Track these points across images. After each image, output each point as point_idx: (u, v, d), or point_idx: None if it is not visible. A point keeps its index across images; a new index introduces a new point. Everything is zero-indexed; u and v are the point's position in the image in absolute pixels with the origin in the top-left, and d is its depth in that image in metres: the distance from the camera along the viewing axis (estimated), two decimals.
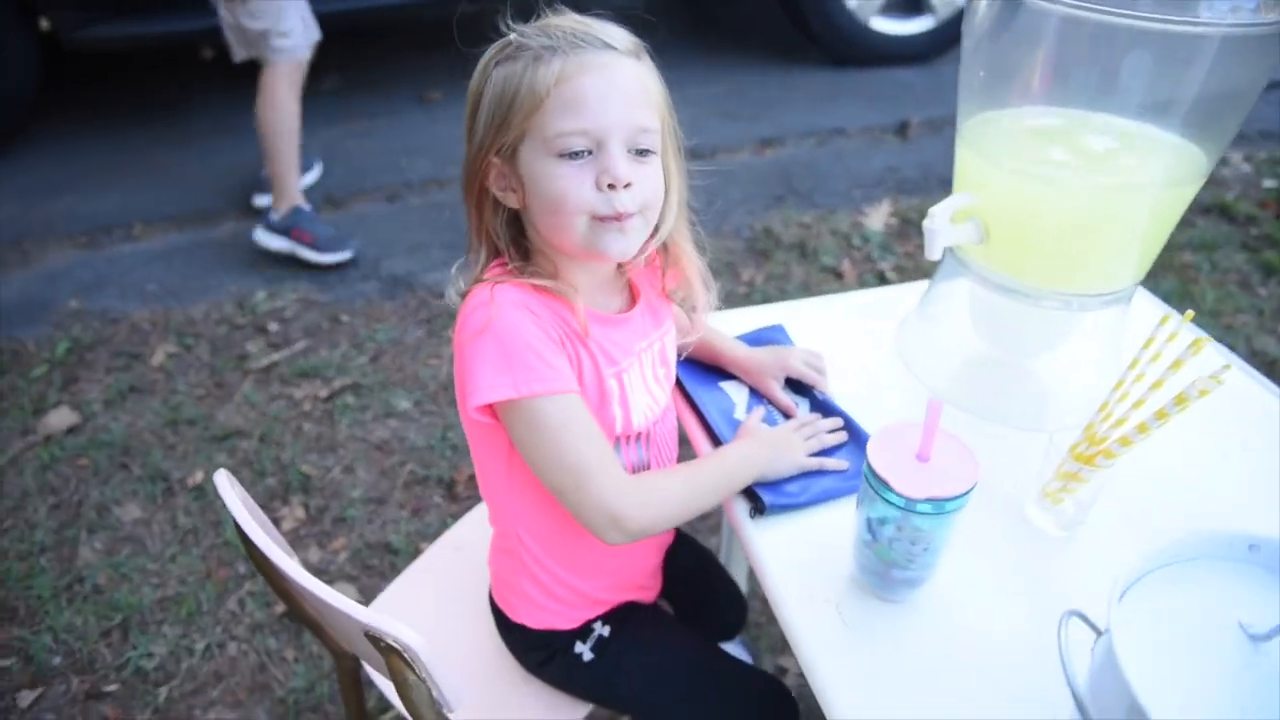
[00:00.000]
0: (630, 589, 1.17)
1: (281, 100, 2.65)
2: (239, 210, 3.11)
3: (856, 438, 1.10)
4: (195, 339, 2.50)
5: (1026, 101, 1.08)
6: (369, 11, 3.42)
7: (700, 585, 1.34)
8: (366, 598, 1.73)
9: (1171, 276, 2.67)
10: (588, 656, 1.12)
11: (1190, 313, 0.98)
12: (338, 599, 0.87)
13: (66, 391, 2.32)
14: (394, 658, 0.86)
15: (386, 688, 1.16)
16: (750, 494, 1.02)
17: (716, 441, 1.10)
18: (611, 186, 0.86)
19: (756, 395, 1.19)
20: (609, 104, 0.85)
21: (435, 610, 1.29)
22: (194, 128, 3.68)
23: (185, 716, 1.61)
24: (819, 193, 3.14)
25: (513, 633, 1.15)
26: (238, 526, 0.97)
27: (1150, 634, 0.65)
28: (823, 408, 1.15)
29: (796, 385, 1.19)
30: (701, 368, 1.23)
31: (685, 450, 1.10)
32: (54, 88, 3.64)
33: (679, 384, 1.20)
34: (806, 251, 2.79)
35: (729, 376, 1.22)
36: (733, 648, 1.61)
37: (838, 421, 1.12)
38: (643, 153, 0.89)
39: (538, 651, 1.14)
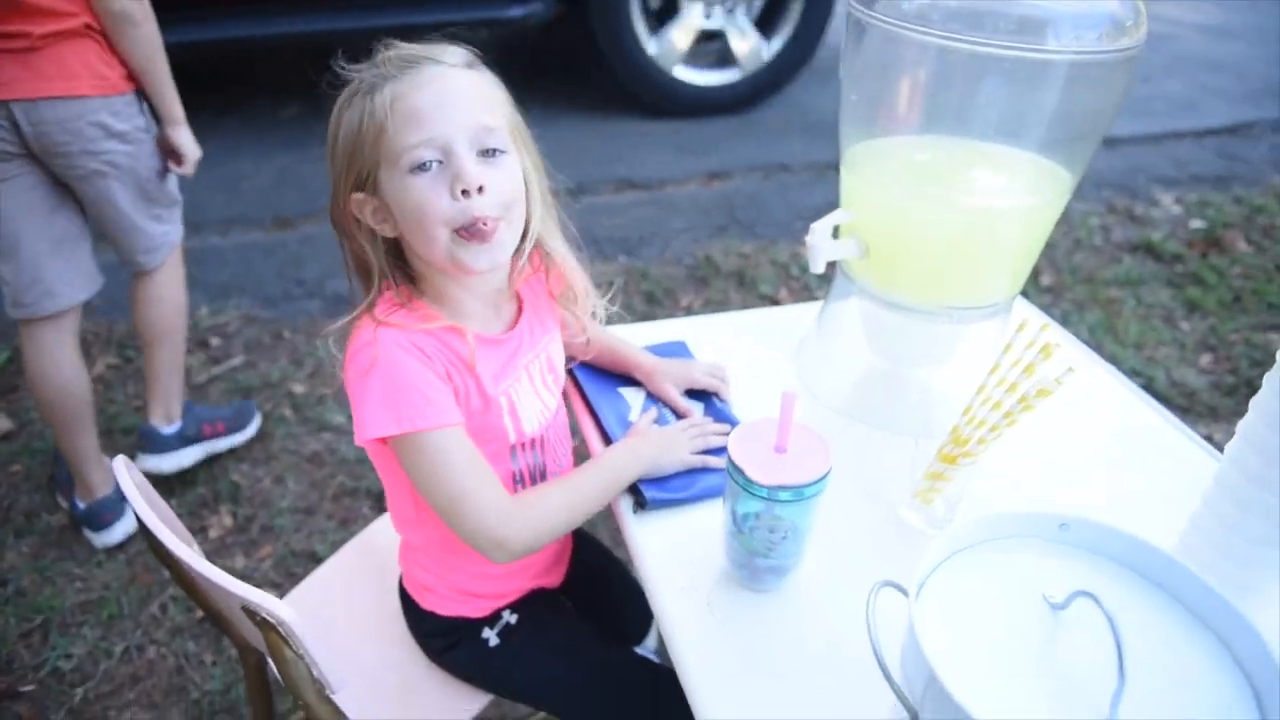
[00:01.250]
0: (534, 575, 1.20)
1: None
2: (186, 227, 3.13)
3: None
4: (136, 352, 2.52)
5: (897, 128, 1.15)
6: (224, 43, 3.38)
7: (600, 583, 1.38)
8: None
9: (1096, 310, 2.76)
10: (494, 642, 1.15)
11: (1046, 322, 1.05)
12: (216, 573, 0.90)
13: (4, 400, 2.33)
14: (271, 633, 0.90)
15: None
16: (634, 489, 1.07)
17: (609, 442, 1.15)
18: (465, 193, 0.89)
19: (653, 399, 1.24)
20: (446, 111, 0.89)
21: (344, 603, 1.31)
22: None
23: (100, 717, 1.61)
24: (761, 224, 3.22)
25: (421, 619, 1.19)
26: (134, 513, 1.00)
27: (956, 606, 0.70)
28: (717, 414, 1.20)
29: (694, 394, 1.24)
30: (601, 372, 1.27)
31: (581, 447, 1.15)
32: None
33: (577, 385, 1.25)
34: (745, 280, 2.86)
35: (628, 382, 1.26)
36: (646, 654, 1.64)
37: (726, 426, 1.16)
38: (491, 152, 0.92)
39: (443, 638, 1.18)
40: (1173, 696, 0.63)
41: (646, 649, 1.64)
